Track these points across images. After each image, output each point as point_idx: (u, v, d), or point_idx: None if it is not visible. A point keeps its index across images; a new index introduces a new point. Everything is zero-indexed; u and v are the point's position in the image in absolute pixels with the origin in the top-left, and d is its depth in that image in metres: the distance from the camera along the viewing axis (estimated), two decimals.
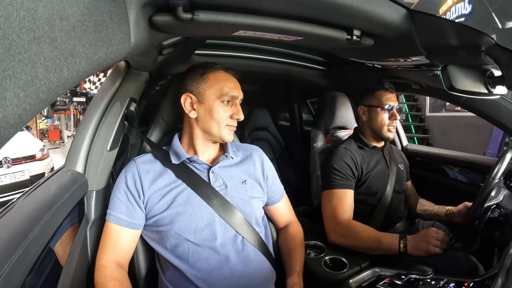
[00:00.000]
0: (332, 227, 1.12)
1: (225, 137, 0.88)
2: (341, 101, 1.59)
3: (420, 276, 0.82)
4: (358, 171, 1.21)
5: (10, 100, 0.25)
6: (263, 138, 2.42)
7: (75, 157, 0.90)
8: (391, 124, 1.25)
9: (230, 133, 0.89)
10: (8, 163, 3.51)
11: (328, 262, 1.01)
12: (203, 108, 0.86)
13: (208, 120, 0.86)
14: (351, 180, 1.19)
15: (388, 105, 1.24)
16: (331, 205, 1.15)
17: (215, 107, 0.85)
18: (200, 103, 0.87)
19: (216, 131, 0.87)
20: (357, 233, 1.06)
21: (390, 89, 1.27)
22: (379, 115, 1.25)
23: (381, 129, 1.25)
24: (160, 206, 0.83)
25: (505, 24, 0.64)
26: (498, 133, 4.05)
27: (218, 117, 0.86)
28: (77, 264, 0.75)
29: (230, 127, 0.88)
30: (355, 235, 1.06)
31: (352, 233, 1.07)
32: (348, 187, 1.17)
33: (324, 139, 1.63)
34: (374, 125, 1.27)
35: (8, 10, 0.24)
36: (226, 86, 0.86)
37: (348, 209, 1.14)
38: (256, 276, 0.84)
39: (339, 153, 1.23)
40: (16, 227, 0.54)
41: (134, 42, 0.54)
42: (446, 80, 0.77)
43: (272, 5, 0.65)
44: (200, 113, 0.87)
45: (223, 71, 0.89)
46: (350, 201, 1.16)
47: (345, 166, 1.19)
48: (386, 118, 1.24)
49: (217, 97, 0.86)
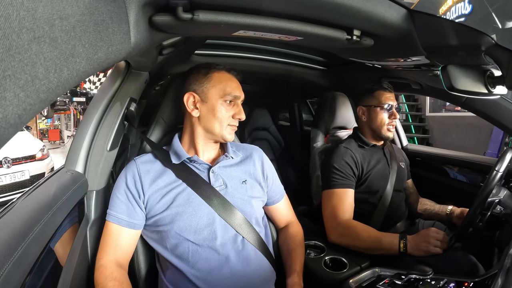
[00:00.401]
0: (332, 226, 1.12)
1: (227, 137, 0.88)
2: (341, 101, 1.59)
3: (420, 276, 0.82)
4: (358, 170, 1.21)
5: (10, 100, 0.25)
6: (263, 138, 2.42)
7: (75, 157, 0.90)
8: (391, 124, 1.25)
9: (231, 133, 0.90)
10: (8, 163, 3.51)
11: (328, 262, 1.01)
12: (206, 107, 0.87)
13: (211, 119, 0.87)
14: (351, 180, 1.18)
15: (387, 105, 1.24)
16: (331, 204, 1.15)
17: (217, 106, 0.86)
18: (203, 102, 0.87)
19: (218, 130, 0.87)
20: (357, 233, 1.06)
21: (388, 89, 1.27)
22: (379, 114, 1.25)
23: (381, 128, 1.25)
24: (160, 206, 0.83)
25: (505, 24, 0.64)
26: (498, 133, 4.05)
27: (220, 116, 0.86)
28: (77, 264, 0.75)
29: (231, 127, 0.89)
30: (355, 235, 1.06)
31: (352, 233, 1.07)
32: (349, 186, 1.17)
33: (324, 139, 1.63)
34: (373, 125, 1.27)
35: (8, 10, 0.24)
36: (229, 86, 0.87)
37: (348, 209, 1.14)
38: (256, 276, 0.84)
39: (339, 152, 1.23)
40: (16, 227, 0.54)
41: (134, 42, 0.54)
42: (446, 80, 0.77)
43: (272, 5, 0.65)
44: (203, 112, 0.87)
45: (225, 71, 0.90)
46: (350, 201, 1.16)
47: (345, 165, 1.19)
48: (386, 117, 1.25)
49: (220, 96, 0.86)
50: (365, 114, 1.29)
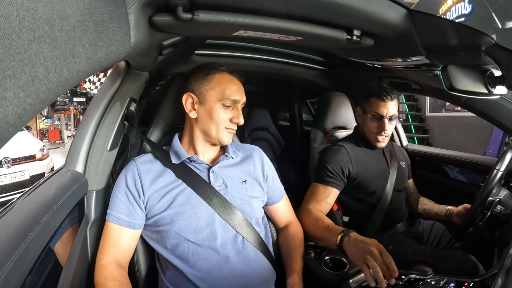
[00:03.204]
0: (300, 214, 1.13)
1: (223, 140, 0.88)
2: (341, 101, 1.59)
3: (420, 276, 0.82)
4: (350, 170, 1.20)
5: (10, 100, 0.25)
6: (263, 138, 2.41)
7: (75, 157, 0.90)
8: (380, 134, 1.19)
9: (228, 136, 0.88)
10: (8, 163, 3.51)
11: (328, 262, 1.00)
12: (204, 109, 0.86)
13: (207, 122, 0.86)
14: (338, 179, 1.18)
15: (378, 114, 1.18)
16: (308, 194, 1.19)
17: (215, 109, 0.85)
18: (201, 104, 0.86)
19: (214, 133, 0.86)
20: (310, 221, 1.07)
21: (385, 98, 1.17)
22: (368, 122, 1.22)
23: (369, 136, 1.24)
24: (160, 206, 0.83)
25: (505, 24, 0.64)
26: (498, 133, 4.05)
27: (217, 119, 0.85)
28: (77, 264, 0.75)
29: (228, 130, 0.88)
30: (309, 222, 1.07)
31: (308, 220, 1.08)
32: (332, 185, 1.17)
33: (324, 139, 1.63)
34: (364, 130, 1.26)
35: (8, 10, 0.24)
36: (229, 89, 0.86)
37: (318, 202, 1.15)
38: (256, 276, 0.84)
39: (333, 150, 1.24)
40: (16, 227, 0.54)
41: (134, 42, 0.54)
42: (446, 80, 0.77)
43: (272, 5, 0.65)
44: (200, 114, 0.87)
45: (227, 73, 0.88)
46: (325, 197, 1.16)
47: (335, 163, 1.19)
48: (375, 128, 1.20)
49: (218, 99, 0.85)
50: (360, 116, 1.28)
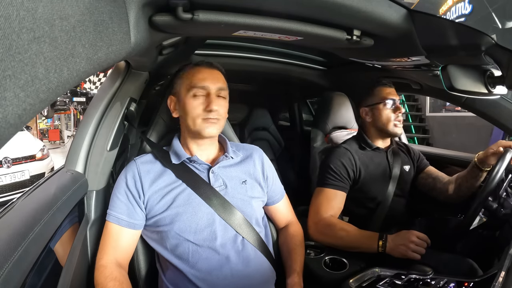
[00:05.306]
0: (314, 223, 1.11)
1: (203, 132, 0.84)
2: (341, 101, 1.59)
3: (420, 276, 0.82)
4: (355, 172, 1.20)
5: (10, 100, 0.25)
6: (263, 138, 2.42)
7: (75, 157, 0.90)
8: (397, 119, 1.21)
9: (209, 127, 0.84)
10: (8, 163, 3.51)
11: (328, 262, 1.00)
12: (180, 106, 0.88)
13: (184, 117, 0.86)
14: (345, 182, 1.17)
15: (390, 100, 1.21)
16: (317, 201, 1.15)
17: (186, 102, 0.85)
18: (179, 101, 0.88)
19: (192, 126, 0.85)
20: (335, 232, 1.05)
21: (388, 84, 1.24)
22: (383, 111, 1.21)
23: (387, 125, 1.22)
24: (160, 206, 0.83)
25: (505, 24, 0.64)
26: (498, 133, 4.05)
27: (190, 110, 0.84)
28: (77, 264, 0.75)
29: (207, 121, 0.84)
30: (333, 234, 1.05)
31: (331, 231, 1.06)
32: (340, 188, 1.15)
33: (324, 139, 1.63)
34: (379, 123, 1.23)
35: (8, 10, 0.24)
36: (196, 78, 0.85)
37: (332, 209, 1.12)
38: (256, 276, 0.84)
39: (338, 153, 1.22)
40: (16, 227, 0.54)
41: (134, 42, 0.54)
42: (446, 80, 0.77)
43: (272, 5, 0.65)
44: (180, 111, 0.88)
45: (194, 66, 0.89)
46: (337, 202, 1.14)
47: (341, 166, 1.18)
48: (391, 113, 1.21)
49: (187, 91, 0.85)
50: (369, 114, 1.26)
